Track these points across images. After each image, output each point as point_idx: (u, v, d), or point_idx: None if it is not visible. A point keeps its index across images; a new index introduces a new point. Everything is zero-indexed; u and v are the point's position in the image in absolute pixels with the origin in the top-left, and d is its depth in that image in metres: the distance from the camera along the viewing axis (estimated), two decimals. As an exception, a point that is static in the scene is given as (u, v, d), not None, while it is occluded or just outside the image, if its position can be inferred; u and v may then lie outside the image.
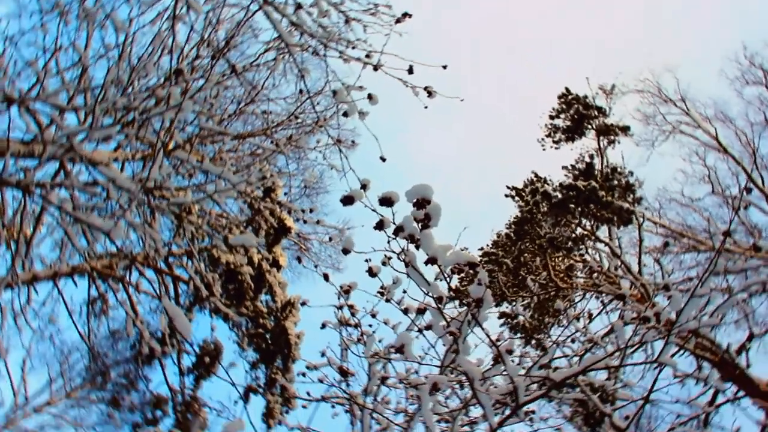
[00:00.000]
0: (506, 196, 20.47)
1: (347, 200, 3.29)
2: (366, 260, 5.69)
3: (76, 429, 16.68)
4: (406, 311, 6.05)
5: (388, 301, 6.14)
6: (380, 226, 3.23)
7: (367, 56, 7.07)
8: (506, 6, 48.26)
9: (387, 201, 3.35)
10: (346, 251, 3.47)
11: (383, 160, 7.27)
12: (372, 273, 5.30)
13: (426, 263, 3.47)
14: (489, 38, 49.19)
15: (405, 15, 7.09)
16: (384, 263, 4.06)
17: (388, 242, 3.28)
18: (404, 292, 5.29)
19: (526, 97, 47.23)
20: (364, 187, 3.69)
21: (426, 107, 7.56)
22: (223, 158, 10.90)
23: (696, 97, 27.01)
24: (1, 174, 6.76)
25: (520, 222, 18.98)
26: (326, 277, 5.94)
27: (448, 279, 3.66)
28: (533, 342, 16.71)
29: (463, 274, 14.94)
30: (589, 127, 19.95)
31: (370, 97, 6.40)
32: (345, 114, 6.46)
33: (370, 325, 6.74)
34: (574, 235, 18.45)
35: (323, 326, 6.66)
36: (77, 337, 11.99)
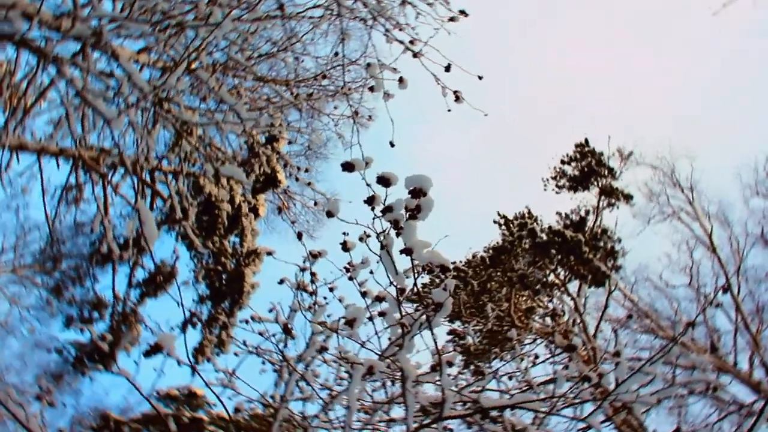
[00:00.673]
0: (494, 221, 20.58)
1: (348, 166, 3.30)
2: (343, 233, 5.70)
3: (11, 304, 16.64)
4: (364, 294, 6.09)
5: (350, 279, 6.16)
6: (371, 201, 3.25)
7: (411, 42, 7.07)
8: (561, 37, 48.18)
9: (385, 180, 3.37)
10: (330, 214, 3.48)
11: (392, 145, 7.28)
12: (345, 247, 5.31)
13: (401, 252, 3.49)
14: (530, 62, 49.11)
15: (462, 12, 7.07)
16: (361, 239, 4.09)
17: (374, 219, 3.29)
18: (371, 272, 5.30)
19: (547, 125, 47.22)
20: (367, 163, 3.69)
21: (449, 110, 7.58)
22: (240, 93, 10.86)
23: (704, 189, 27.18)
24: (24, 35, 6.70)
25: (499, 250, 19.08)
26: (300, 236, 5.96)
27: (416, 275, 3.69)
28: (473, 366, 16.80)
29: (431, 276, 15.01)
30: (595, 184, 20.07)
31: (401, 80, 6.39)
32: (371, 89, 6.47)
33: (325, 297, 6.76)
34: (545, 280, 18.58)
35: (281, 282, 6.67)
36: (42, 218, 11.91)
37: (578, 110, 46.92)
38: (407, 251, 3.42)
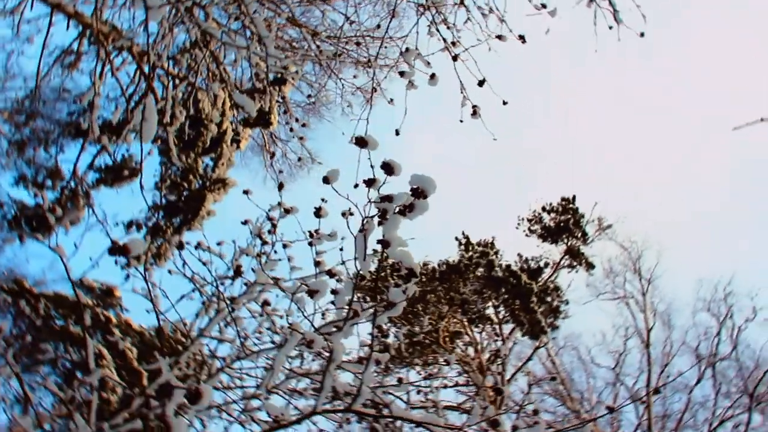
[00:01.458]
0: (456, 239, 20.65)
1: (361, 142, 3.22)
2: (322, 199, 5.64)
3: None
4: (317, 263, 6.03)
5: (310, 245, 6.10)
6: (371, 183, 3.18)
7: (453, 43, 7.01)
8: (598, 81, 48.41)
9: (389, 168, 3.30)
10: (326, 180, 3.41)
11: (397, 133, 7.23)
12: (318, 214, 5.25)
13: (378, 242, 3.44)
14: (556, 103, 49.33)
15: (521, 38, 7.01)
16: (344, 215, 4.01)
17: (368, 203, 3.22)
18: (341, 250, 5.26)
19: (551, 161, 47.50)
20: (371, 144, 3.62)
21: (461, 121, 7.53)
22: (271, 27, 10.68)
23: (661, 285, 27.73)
24: None
25: (452, 268, 19.14)
26: (281, 186, 5.88)
27: (382, 269, 3.64)
28: (390, 369, 16.89)
29: (396, 274, 14.99)
30: (565, 242, 20.22)
31: (432, 77, 6.33)
32: (402, 73, 6.40)
33: (275, 251, 6.68)
34: (483, 313, 18.70)
35: (245, 222, 6.58)
36: (33, 71, 11.61)
37: (588, 157, 47.34)
38: (385, 243, 3.36)
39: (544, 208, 20.68)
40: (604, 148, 49.41)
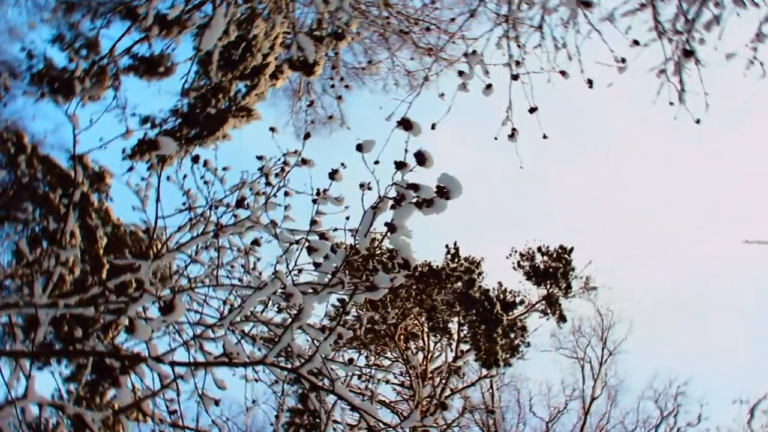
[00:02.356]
0: (446, 246, 20.64)
1: (407, 124, 3.19)
2: (341, 164, 5.61)
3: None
4: (313, 222, 6.02)
5: (314, 202, 6.08)
6: (401, 166, 3.14)
7: (517, 62, 6.96)
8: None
9: (422, 158, 3.28)
10: (360, 148, 3.37)
11: (433, 126, 7.19)
12: (333, 175, 5.23)
13: (385, 225, 3.41)
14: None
15: (589, 83, 6.94)
16: (362, 186, 3.99)
17: (391, 186, 3.18)
18: (347, 219, 5.24)
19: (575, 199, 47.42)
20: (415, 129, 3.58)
21: (496, 138, 7.50)
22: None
23: (620, 360, 27.93)
24: None
25: (433, 272, 19.15)
26: (307, 136, 5.85)
27: (378, 252, 3.61)
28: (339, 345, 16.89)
29: (389, 261, 14.98)
30: (546, 288, 20.24)
31: (489, 87, 6.29)
32: (461, 73, 6.35)
33: (276, 196, 6.64)
34: (447, 326, 18.74)
35: (260, 157, 6.55)
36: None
37: (605, 213, 47.31)
38: (391, 228, 3.34)
39: (539, 249, 20.67)
40: (624, 211, 49.35)
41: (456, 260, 19.79)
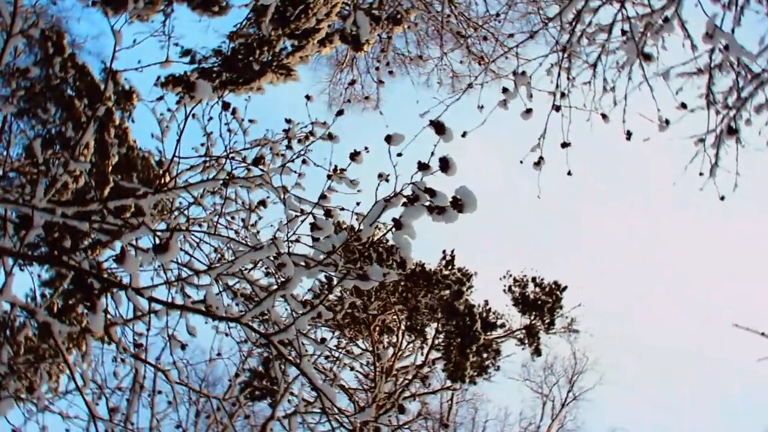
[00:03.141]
0: (443, 252, 20.61)
1: (439, 128, 3.16)
2: (365, 147, 5.58)
3: None
4: (323, 197, 5.99)
5: (329, 177, 6.06)
6: (425, 167, 3.12)
7: (562, 94, 6.92)
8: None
9: (446, 164, 3.25)
10: (389, 140, 3.34)
11: (464, 135, 7.15)
12: (354, 157, 5.21)
13: (393, 220, 3.39)
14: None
15: (604, 116, 6.91)
16: (381, 176, 3.95)
17: (410, 184, 3.15)
18: (357, 203, 5.22)
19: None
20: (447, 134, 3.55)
21: (521, 162, 7.46)
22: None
23: (583, 407, 27.97)
24: None
25: (424, 274, 19.14)
26: (341, 113, 5.83)
27: (379, 244, 3.59)
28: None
29: (387, 256, 14.99)
30: (529, 319, 20.25)
31: (529, 111, 6.26)
32: (504, 90, 6.31)
33: (292, 161, 6.63)
34: (423, 329, 18.75)
35: (288, 120, 6.53)
36: None
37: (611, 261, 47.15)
38: (398, 224, 3.32)
39: (534, 279, 20.65)
40: (630, 265, 49.20)
41: (449, 268, 19.77)
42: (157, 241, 2.60)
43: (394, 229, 3.35)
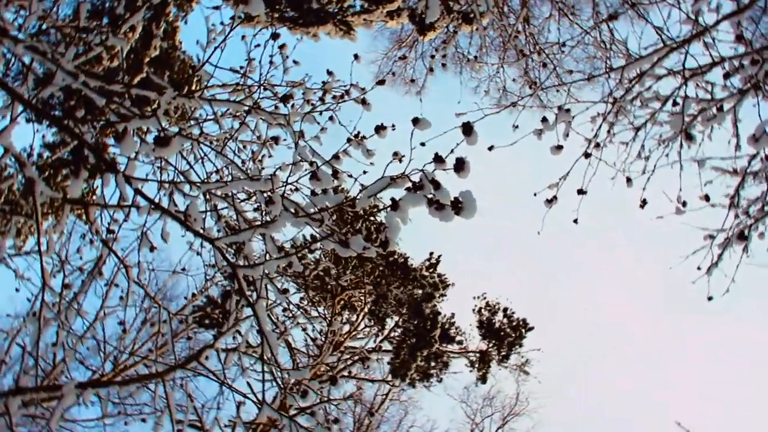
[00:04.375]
0: (430, 254, 20.63)
1: (468, 129, 3.15)
2: (392, 125, 5.58)
3: None
4: (336, 156, 5.99)
5: (348, 141, 6.06)
6: (440, 161, 3.11)
7: (597, 145, 6.91)
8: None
9: (461, 165, 3.26)
10: (416, 122, 3.34)
11: (490, 149, 7.13)
12: (378, 130, 5.20)
13: (391, 200, 3.39)
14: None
15: (628, 180, 6.93)
16: (396, 155, 3.96)
17: (423, 171, 3.15)
18: (364, 172, 5.21)
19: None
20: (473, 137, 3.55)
21: (535, 194, 7.47)
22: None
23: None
24: None
25: (403, 268, 19.17)
26: (382, 82, 5.82)
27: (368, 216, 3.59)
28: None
29: (374, 231, 15.02)
30: (487, 345, 20.34)
31: (559, 147, 6.26)
32: (544, 119, 6.27)
33: (320, 113, 6.63)
34: (384, 319, 18.87)
35: (330, 72, 6.51)
36: None
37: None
38: (394, 205, 3.32)
39: (505, 310, 20.66)
40: (600, 329, 49.14)
41: (431, 270, 19.79)
42: (161, 135, 2.60)
43: (389, 209, 3.35)
